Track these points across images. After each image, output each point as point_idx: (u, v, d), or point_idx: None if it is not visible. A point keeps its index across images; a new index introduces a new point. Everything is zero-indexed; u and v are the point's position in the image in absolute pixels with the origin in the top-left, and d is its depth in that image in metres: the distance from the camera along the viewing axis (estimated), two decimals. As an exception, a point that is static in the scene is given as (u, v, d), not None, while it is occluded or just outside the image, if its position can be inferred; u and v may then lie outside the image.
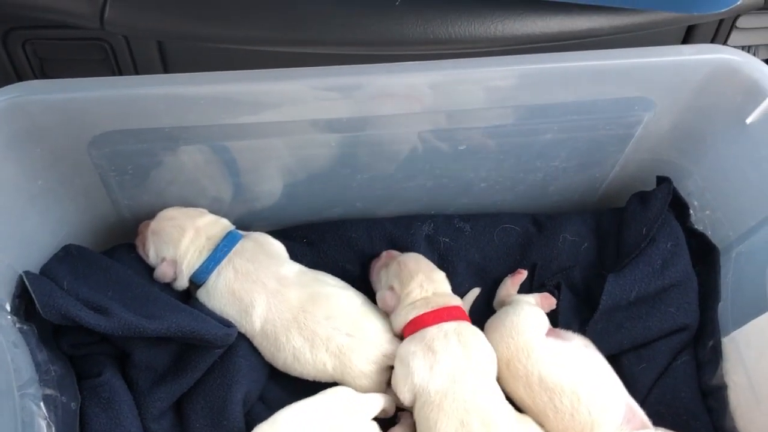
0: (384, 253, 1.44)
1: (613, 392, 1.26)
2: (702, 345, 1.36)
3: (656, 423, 1.31)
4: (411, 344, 1.29)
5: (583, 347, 1.31)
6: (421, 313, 1.32)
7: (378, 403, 1.32)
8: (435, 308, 1.32)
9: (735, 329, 1.28)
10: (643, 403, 1.34)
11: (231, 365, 1.32)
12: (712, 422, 1.31)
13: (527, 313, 1.34)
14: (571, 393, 1.24)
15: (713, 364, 1.31)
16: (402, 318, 1.34)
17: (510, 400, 1.29)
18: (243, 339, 1.36)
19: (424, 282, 1.35)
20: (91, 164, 1.26)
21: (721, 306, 1.34)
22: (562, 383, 1.25)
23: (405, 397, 1.27)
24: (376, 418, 1.31)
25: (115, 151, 1.24)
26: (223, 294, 1.35)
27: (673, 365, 1.36)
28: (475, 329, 1.33)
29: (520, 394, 1.30)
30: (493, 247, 1.49)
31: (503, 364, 1.31)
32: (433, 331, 1.29)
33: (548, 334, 1.33)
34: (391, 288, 1.36)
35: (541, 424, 1.28)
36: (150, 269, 1.38)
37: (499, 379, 1.30)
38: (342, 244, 1.47)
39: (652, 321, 1.36)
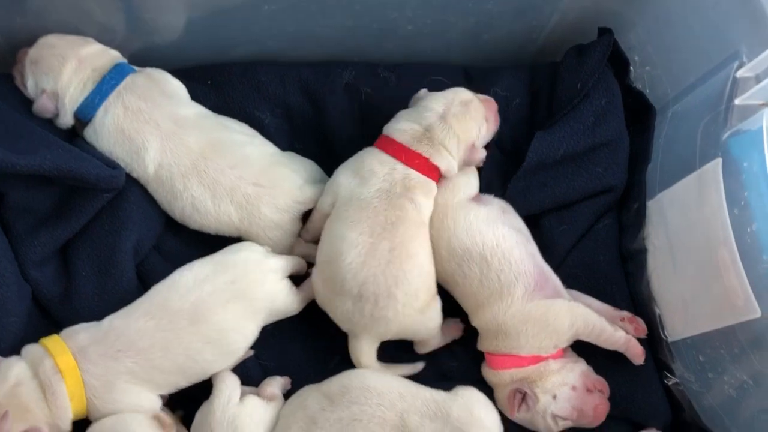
0: None
1: (525, 259, 1.20)
2: (626, 208, 1.30)
3: (571, 286, 1.27)
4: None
5: (500, 212, 1.25)
6: None
7: (288, 263, 1.24)
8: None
9: (662, 191, 1.21)
10: (560, 266, 1.29)
11: (120, 211, 1.22)
12: (627, 287, 1.27)
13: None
14: (480, 260, 1.19)
15: (636, 227, 1.26)
16: None
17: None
18: (135, 185, 1.24)
19: None
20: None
21: (650, 168, 1.27)
22: (470, 250, 1.20)
23: (325, 201, 1.22)
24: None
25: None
26: (111, 133, 1.22)
27: (595, 228, 1.30)
28: None
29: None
30: (419, 99, 1.37)
31: None
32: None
33: (474, 198, 1.26)
34: None
35: (450, 290, 1.25)
36: (29, 103, 1.23)
37: None
38: (251, 88, 1.33)
39: (578, 181, 1.28)
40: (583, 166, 1.29)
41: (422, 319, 1.20)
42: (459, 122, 1.20)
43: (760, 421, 1.09)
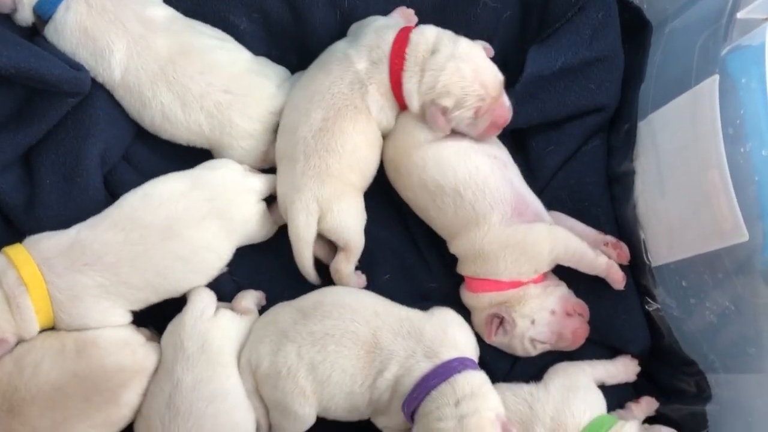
0: None
1: (501, 186, 1.16)
2: (616, 129, 1.25)
3: (555, 209, 1.23)
4: None
5: (474, 142, 1.18)
6: None
7: (266, 184, 1.19)
8: None
9: (654, 112, 1.16)
10: (544, 189, 1.25)
11: (86, 117, 1.16)
12: (613, 210, 1.24)
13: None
14: (453, 193, 1.15)
15: (625, 149, 1.21)
16: None
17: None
18: (102, 90, 1.17)
19: None
20: None
21: (642, 88, 1.21)
22: (442, 185, 1.16)
23: None
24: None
25: None
26: (73, 32, 1.14)
27: (583, 149, 1.26)
28: None
29: (406, 194, 1.21)
30: (405, 11, 1.29)
31: (391, 167, 1.21)
32: None
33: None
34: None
35: (426, 221, 1.22)
36: (-15, -2, 1.15)
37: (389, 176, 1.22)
38: (227, -10, 1.25)
39: (569, 96, 1.23)
40: (576, 82, 1.23)
41: (350, 203, 1.17)
42: (447, 84, 1.13)
43: (738, 348, 1.07)
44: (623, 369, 1.19)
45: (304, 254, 1.18)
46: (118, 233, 1.08)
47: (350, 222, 1.18)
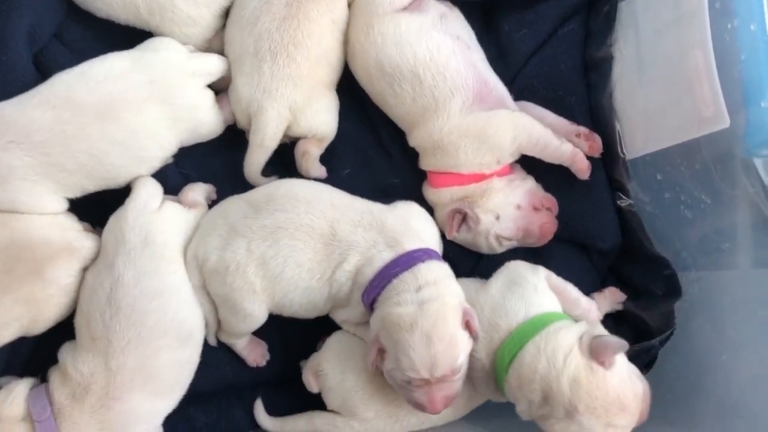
0: None
1: (463, 70, 1.07)
2: (595, 11, 1.15)
3: (527, 98, 1.15)
4: None
5: (437, 18, 1.09)
6: None
7: (212, 67, 1.09)
8: None
9: (636, -9, 1.07)
10: (516, 77, 1.17)
11: (9, -11, 1.04)
12: (588, 99, 1.16)
13: None
14: (412, 77, 1.06)
15: (604, 32, 1.12)
16: None
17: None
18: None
19: None
20: None
21: (626, -35, 1.12)
22: (400, 67, 1.06)
23: None
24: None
25: None
26: None
27: (559, 33, 1.16)
28: None
29: (364, 80, 1.12)
30: None
31: (349, 49, 1.12)
32: None
33: (407, 7, 1.09)
34: None
35: (385, 111, 1.14)
36: None
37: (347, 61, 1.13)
38: None
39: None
40: (553, -43, 1.12)
41: (322, 102, 1.10)
42: None
43: (712, 244, 1.03)
44: (590, 306, 1.08)
45: (260, 161, 1.10)
46: (48, 111, 0.99)
47: (325, 120, 1.11)
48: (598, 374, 0.92)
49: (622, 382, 0.93)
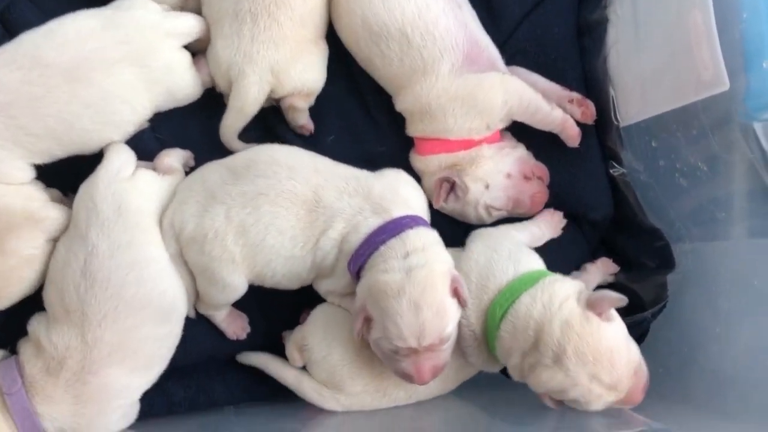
0: None
1: (453, 30, 1.02)
2: (590, -29, 1.11)
3: (519, 63, 1.11)
4: None
5: None
6: None
7: (189, 27, 1.04)
8: None
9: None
10: (507, 41, 1.12)
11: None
12: (582, 64, 1.12)
13: None
14: (400, 37, 1.02)
15: (598, -7, 1.08)
16: None
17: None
18: None
19: None
20: None
21: None
22: (388, 26, 1.02)
23: None
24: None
25: None
26: None
27: (553, -6, 1.12)
28: None
29: (349, 40, 1.07)
30: None
31: (334, 8, 1.07)
32: None
33: None
34: None
35: (371, 74, 1.09)
36: None
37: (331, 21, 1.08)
38: None
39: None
40: None
41: (307, 60, 1.05)
42: None
43: (707, 213, 1.00)
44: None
45: (237, 126, 1.06)
46: (14, 71, 0.94)
47: (310, 77, 1.07)
48: (593, 323, 0.90)
49: (617, 339, 0.90)
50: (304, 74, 1.05)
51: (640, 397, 0.91)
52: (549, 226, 1.09)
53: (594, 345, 0.88)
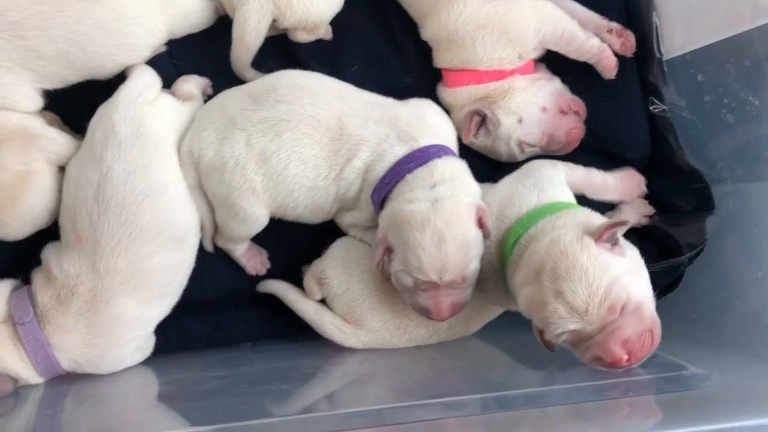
0: None
1: None
2: None
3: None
4: None
5: None
6: None
7: None
8: None
9: None
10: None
11: None
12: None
13: None
14: None
15: None
16: None
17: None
18: None
19: None
20: None
21: None
22: None
23: None
24: None
25: None
26: None
27: None
28: None
29: None
30: None
31: None
32: None
33: None
34: None
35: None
36: None
37: None
38: None
39: None
40: None
41: None
42: None
43: (754, 152, 0.94)
44: (620, 183, 1.02)
45: (242, 58, 1.01)
46: None
47: (316, 9, 1.00)
48: (584, 246, 0.80)
49: (605, 265, 0.79)
50: (309, 5, 0.99)
51: (615, 349, 0.78)
52: (621, 183, 1.00)
53: (571, 262, 0.79)
